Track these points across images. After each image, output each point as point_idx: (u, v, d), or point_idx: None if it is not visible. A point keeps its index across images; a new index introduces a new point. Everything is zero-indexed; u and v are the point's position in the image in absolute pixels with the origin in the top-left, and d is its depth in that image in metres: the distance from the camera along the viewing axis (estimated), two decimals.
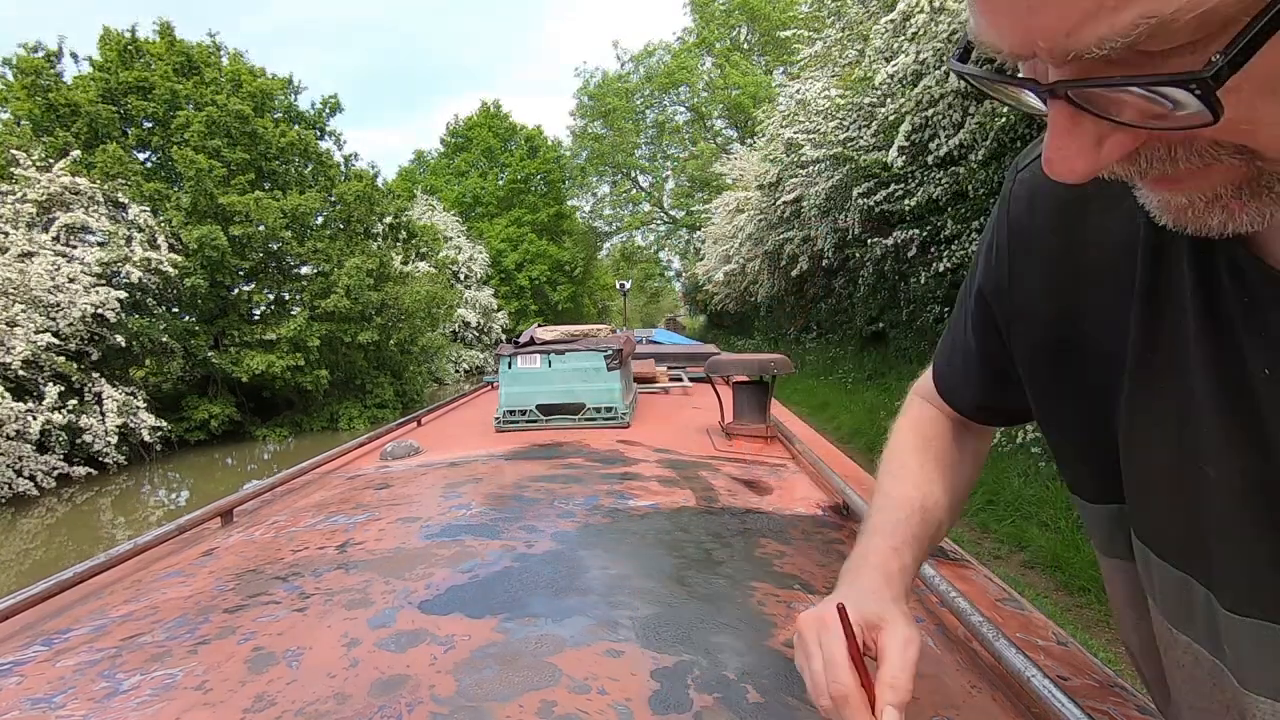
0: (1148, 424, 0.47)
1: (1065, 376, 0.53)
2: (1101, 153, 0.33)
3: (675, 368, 3.93)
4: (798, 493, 1.60)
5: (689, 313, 36.61)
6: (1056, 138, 0.33)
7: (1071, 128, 0.32)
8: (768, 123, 13.42)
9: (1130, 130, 0.32)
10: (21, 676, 0.83)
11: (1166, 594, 0.48)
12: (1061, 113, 0.32)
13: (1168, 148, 0.33)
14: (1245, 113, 0.29)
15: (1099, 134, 0.32)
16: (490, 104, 32.61)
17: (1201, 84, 0.27)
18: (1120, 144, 0.33)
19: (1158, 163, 0.33)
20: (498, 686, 0.74)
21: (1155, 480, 0.47)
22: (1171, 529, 0.47)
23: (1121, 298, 0.48)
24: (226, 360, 12.64)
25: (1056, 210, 0.52)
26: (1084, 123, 0.32)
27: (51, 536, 8.02)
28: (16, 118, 11.52)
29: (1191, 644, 0.47)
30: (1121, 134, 0.32)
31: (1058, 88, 0.31)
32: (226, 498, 1.58)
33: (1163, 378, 0.45)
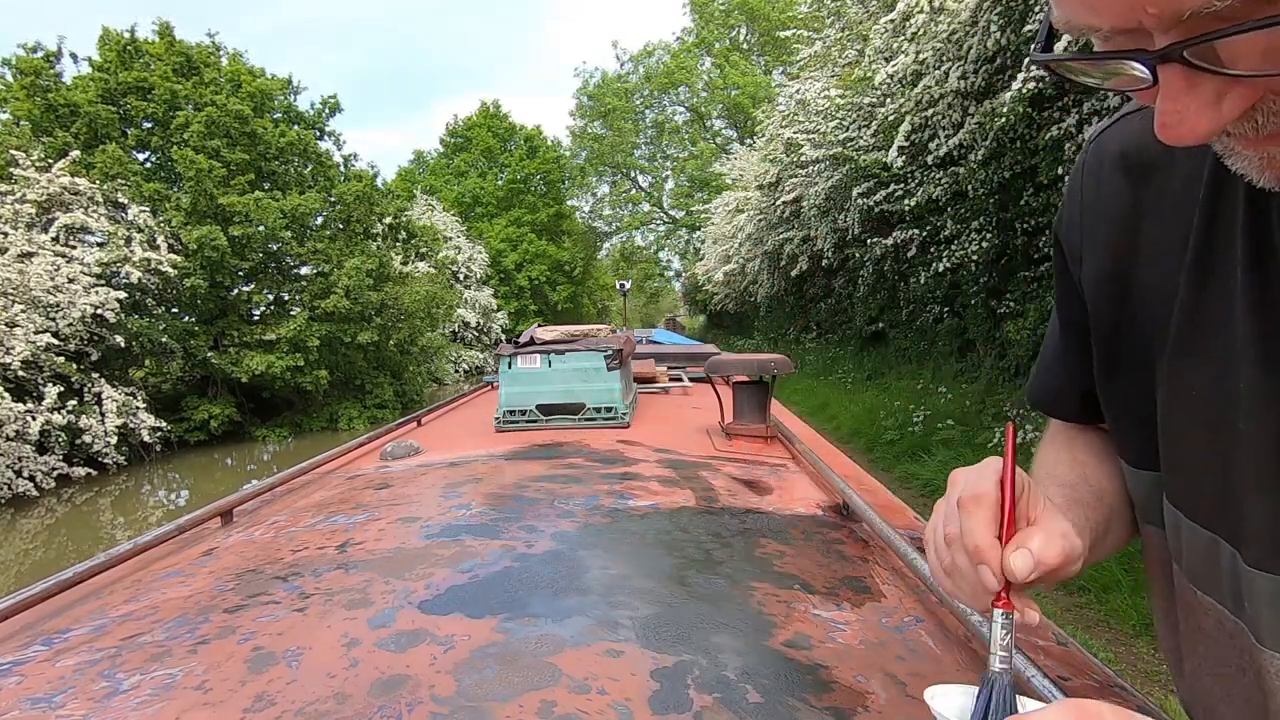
0: (1186, 383, 0.47)
1: (1121, 339, 0.55)
2: (1223, 110, 0.32)
3: (675, 368, 3.93)
4: (798, 493, 1.60)
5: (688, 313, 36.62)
6: (1173, 101, 0.33)
7: (1189, 89, 0.32)
8: (767, 123, 13.43)
9: (1249, 83, 0.31)
10: (21, 676, 0.83)
11: (1194, 556, 0.48)
12: (1177, 75, 0.32)
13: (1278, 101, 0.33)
14: None
15: (1217, 92, 0.32)
16: (490, 104, 32.64)
17: None
18: (1241, 98, 0.32)
19: (1274, 116, 0.33)
20: (498, 686, 0.74)
21: (1189, 438, 0.47)
22: (1203, 489, 0.47)
23: (1175, 260, 0.49)
24: (226, 361, 12.64)
25: (1122, 176, 0.54)
26: (1201, 83, 0.32)
27: (51, 537, 8.02)
28: (16, 118, 11.52)
29: (1215, 605, 0.47)
30: (1241, 88, 0.32)
31: (1172, 50, 0.31)
32: (226, 498, 1.58)
33: (1205, 335, 0.46)
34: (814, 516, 1.42)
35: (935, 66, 6.27)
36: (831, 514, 1.44)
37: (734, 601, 0.97)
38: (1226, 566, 0.45)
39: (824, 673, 0.78)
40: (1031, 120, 5.76)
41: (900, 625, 0.92)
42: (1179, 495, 0.49)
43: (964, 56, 5.88)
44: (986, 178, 6.61)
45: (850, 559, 1.18)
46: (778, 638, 0.86)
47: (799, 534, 1.29)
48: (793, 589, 1.02)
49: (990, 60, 5.84)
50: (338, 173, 15.45)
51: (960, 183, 7.03)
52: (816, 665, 0.80)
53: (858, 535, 1.31)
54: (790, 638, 0.86)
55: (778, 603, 0.97)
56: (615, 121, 34.31)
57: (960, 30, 5.84)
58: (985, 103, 5.94)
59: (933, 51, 6.22)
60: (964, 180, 6.92)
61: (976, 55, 5.75)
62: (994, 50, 5.59)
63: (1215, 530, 0.46)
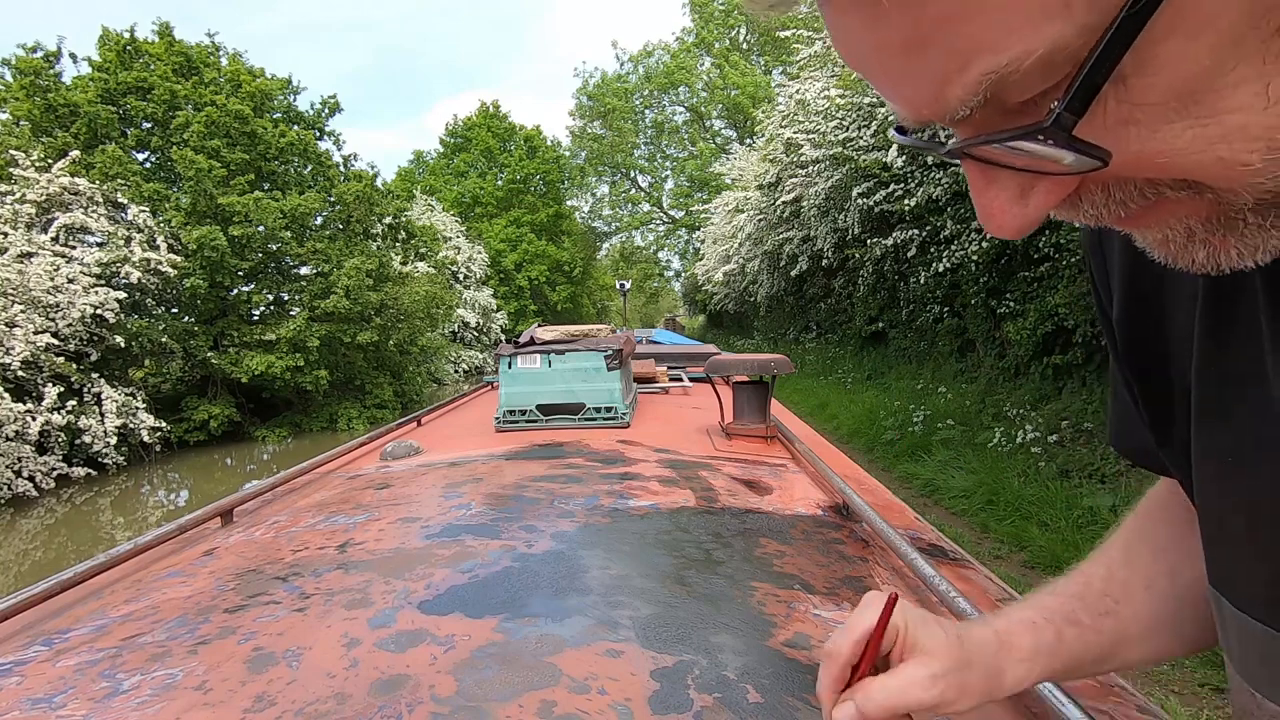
0: (1216, 446, 0.41)
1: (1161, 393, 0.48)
2: (1030, 204, 0.31)
3: (675, 368, 3.93)
4: (798, 493, 1.60)
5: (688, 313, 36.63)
6: (978, 196, 0.32)
7: (988, 185, 0.31)
8: (767, 123, 13.42)
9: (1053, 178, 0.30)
10: (22, 676, 0.83)
11: (1248, 654, 0.41)
12: (975, 171, 0.31)
13: (1103, 189, 0.31)
14: (1154, 144, 0.27)
15: (1021, 186, 0.30)
16: (489, 104, 32.65)
17: (1048, 133, 0.26)
18: (1050, 191, 0.30)
19: (1102, 205, 0.31)
20: (498, 686, 0.74)
21: (1232, 518, 0.40)
22: (1254, 576, 0.40)
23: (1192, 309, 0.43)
24: (226, 361, 12.63)
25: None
26: (1000, 177, 0.31)
27: (51, 537, 8.01)
28: (15, 118, 11.51)
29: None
30: (1046, 183, 0.30)
31: (953, 149, 0.30)
32: (226, 498, 1.58)
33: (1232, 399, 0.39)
34: (814, 516, 1.42)
35: None
36: (831, 514, 1.44)
37: (734, 601, 0.97)
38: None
39: None
40: None
41: None
42: (1221, 578, 0.43)
43: None
44: None
45: (850, 559, 1.18)
46: (778, 637, 0.86)
47: (799, 534, 1.29)
48: (793, 589, 1.02)
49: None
50: (337, 173, 15.44)
51: (960, 183, 7.03)
52: (817, 665, 0.80)
53: (858, 535, 1.31)
54: (790, 638, 0.86)
55: (778, 603, 0.97)
56: (615, 121, 34.30)
57: None
58: None
59: None
60: (964, 180, 6.91)
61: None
62: None
63: (1272, 625, 0.39)
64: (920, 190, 7.46)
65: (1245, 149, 0.26)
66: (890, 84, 0.30)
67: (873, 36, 0.28)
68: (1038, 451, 5.66)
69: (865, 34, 0.28)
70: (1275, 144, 0.26)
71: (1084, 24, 0.24)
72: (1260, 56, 0.24)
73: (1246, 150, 0.26)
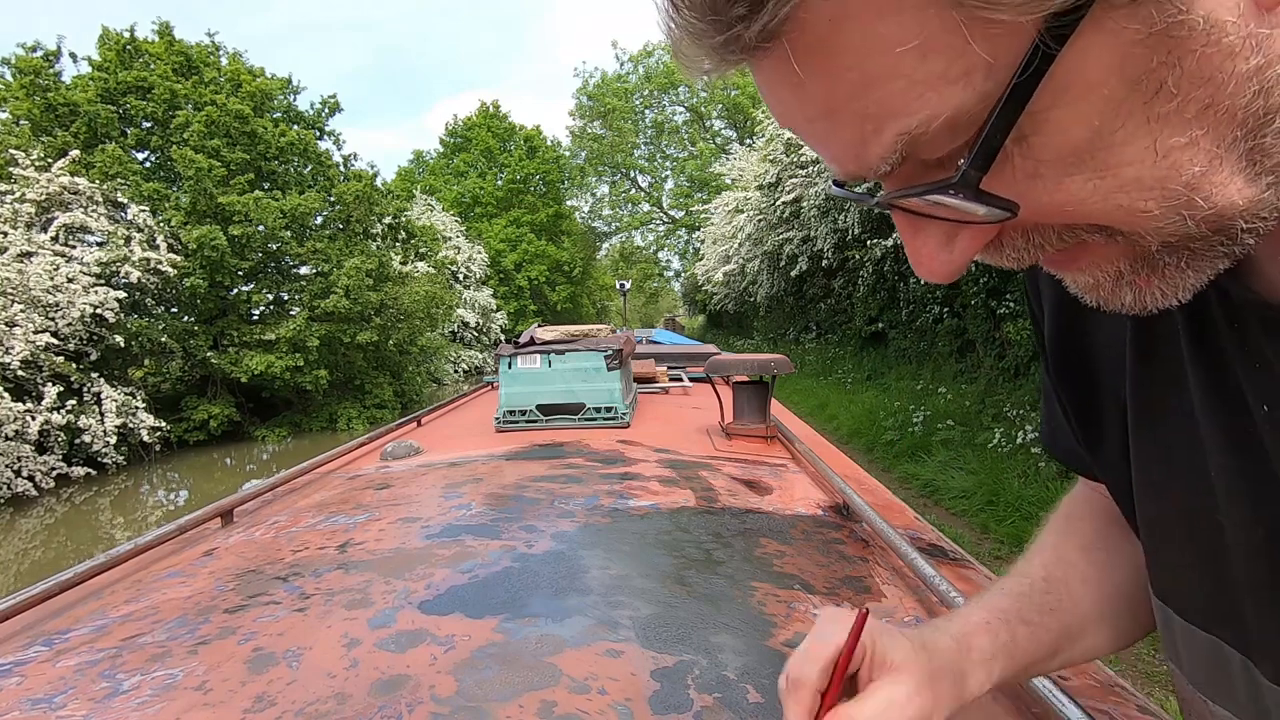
0: (1153, 471, 0.44)
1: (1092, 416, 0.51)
2: (955, 250, 0.33)
3: (675, 368, 3.93)
4: (798, 493, 1.60)
5: (688, 313, 36.64)
6: (908, 245, 0.34)
7: (915, 233, 0.33)
8: (767, 123, 13.42)
9: (975, 226, 0.32)
10: (22, 676, 0.83)
11: (1195, 660, 0.43)
12: (903, 221, 0.34)
13: (1024, 234, 0.33)
14: (1059, 195, 0.29)
15: (946, 233, 0.33)
16: (489, 104, 32.65)
17: (957, 188, 0.28)
18: (973, 238, 0.32)
19: (1022, 249, 0.33)
20: (498, 686, 0.74)
21: (1171, 533, 0.43)
22: (1195, 585, 0.42)
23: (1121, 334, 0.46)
24: (226, 361, 12.63)
25: None
26: (927, 227, 0.33)
27: (50, 537, 8.01)
28: (15, 118, 11.51)
29: (1231, 718, 0.42)
30: (969, 230, 0.32)
31: (880, 201, 0.33)
32: (226, 498, 1.58)
33: (1166, 423, 0.42)
34: (814, 516, 1.42)
35: None
36: (831, 514, 1.44)
37: (734, 601, 0.97)
38: (1239, 675, 0.40)
39: None
40: None
41: (900, 625, 0.92)
42: (1165, 590, 0.45)
43: None
44: None
45: (850, 559, 1.18)
46: (778, 637, 0.87)
47: (799, 534, 1.29)
48: (793, 589, 1.02)
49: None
50: (337, 173, 15.44)
51: None
52: None
53: (858, 535, 1.31)
54: (790, 638, 0.86)
55: (778, 603, 0.97)
56: (615, 121, 34.31)
57: None
58: None
59: None
60: None
61: None
62: None
63: (1215, 632, 0.41)
64: None
65: (1142, 198, 0.29)
66: (818, 145, 0.32)
67: (798, 105, 0.30)
68: (1037, 452, 5.66)
69: (791, 103, 0.31)
70: (1168, 192, 0.28)
71: (982, 91, 0.26)
72: (1145, 116, 0.27)
73: (1143, 199, 0.29)
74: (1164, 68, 0.26)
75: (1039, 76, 0.26)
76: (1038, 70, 0.25)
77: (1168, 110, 0.27)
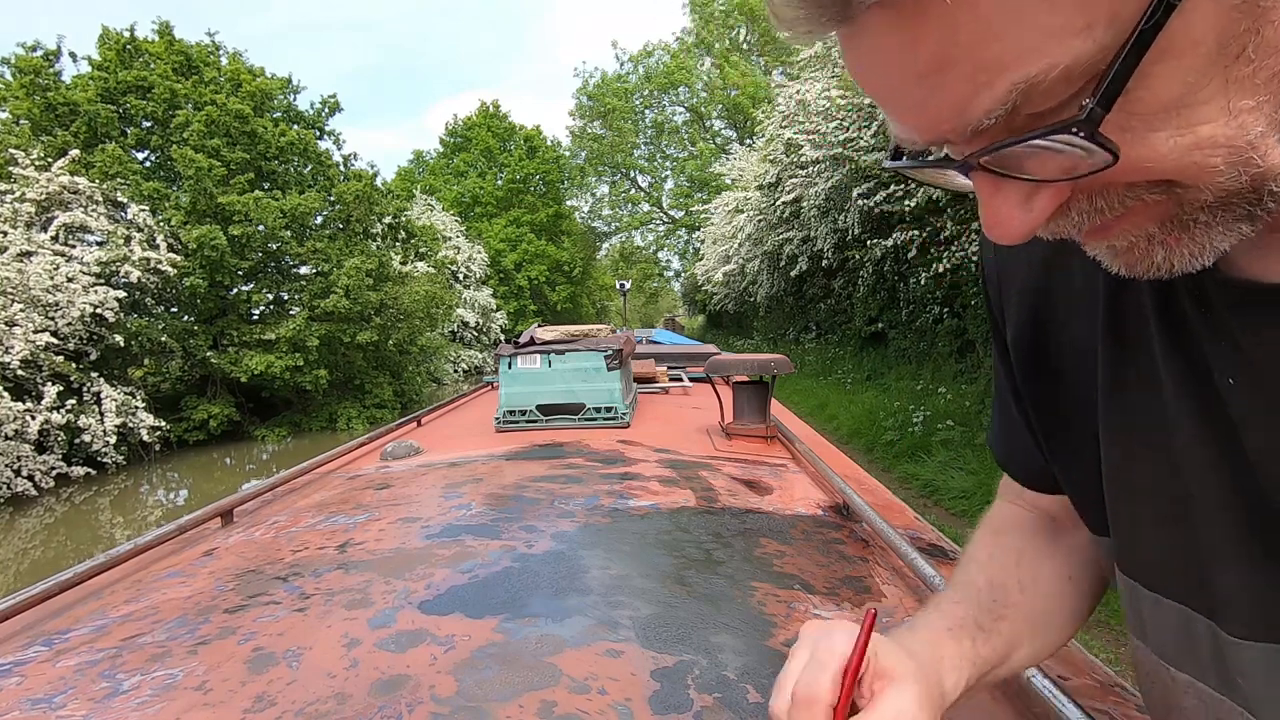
0: (1126, 451, 0.46)
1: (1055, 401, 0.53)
2: (1032, 211, 0.34)
3: (675, 368, 3.93)
4: (798, 493, 1.60)
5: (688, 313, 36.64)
6: (986, 205, 0.35)
7: (996, 193, 0.35)
8: (767, 123, 13.42)
9: (1053, 186, 0.33)
10: (22, 676, 0.83)
11: (1161, 631, 0.46)
12: (984, 181, 0.35)
13: (1089, 198, 0.35)
14: (1143, 150, 0.31)
15: (1025, 194, 0.34)
16: (489, 104, 32.63)
17: (1081, 126, 0.29)
18: (1048, 199, 0.34)
19: (1087, 214, 0.35)
20: (498, 686, 0.74)
21: (1139, 508, 0.46)
22: (1164, 558, 0.45)
23: (1089, 326, 0.49)
24: (226, 360, 12.62)
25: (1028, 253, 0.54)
26: (1006, 187, 0.34)
27: (50, 536, 8.01)
28: (15, 117, 11.50)
29: (1194, 683, 0.44)
30: (1047, 190, 0.34)
31: (970, 159, 0.34)
32: (226, 498, 1.58)
33: (1135, 402, 0.45)
34: (814, 516, 1.42)
35: None
36: (831, 514, 1.44)
37: (734, 601, 0.97)
38: (1204, 639, 0.43)
39: None
40: None
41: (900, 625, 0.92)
42: (1133, 565, 0.47)
43: None
44: None
45: (850, 559, 1.18)
46: (778, 637, 0.87)
47: (799, 534, 1.29)
48: (793, 589, 1.02)
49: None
50: (337, 172, 15.43)
51: None
52: None
53: (858, 535, 1.31)
54: (790, 638, 0.86)
55: (778, 603, 0.97)
56: (615, 122, 34.31)
57: None
58: None
59: None
60: None
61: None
62: None
63: (1184, 602, 0.44)
64: (920, 191, 7.45)
65: (1213, 155, 0.31)
66: (913, 108, 0.33)
67: (909, 61, 0.31)
68: None
69: (900, 61, 0.31)
70: (1233, 150, 0.31)
71: (1101, 43, 0.28)
72: (1224, 79, 0.29)
73: (1214, 157, 0.31)
74: (1248, 34, 0.28)
75: (1157, 30, 0.27)
76: (1157, 24, 0.27)
77: (1244, 74, 0.29)
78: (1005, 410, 0.61)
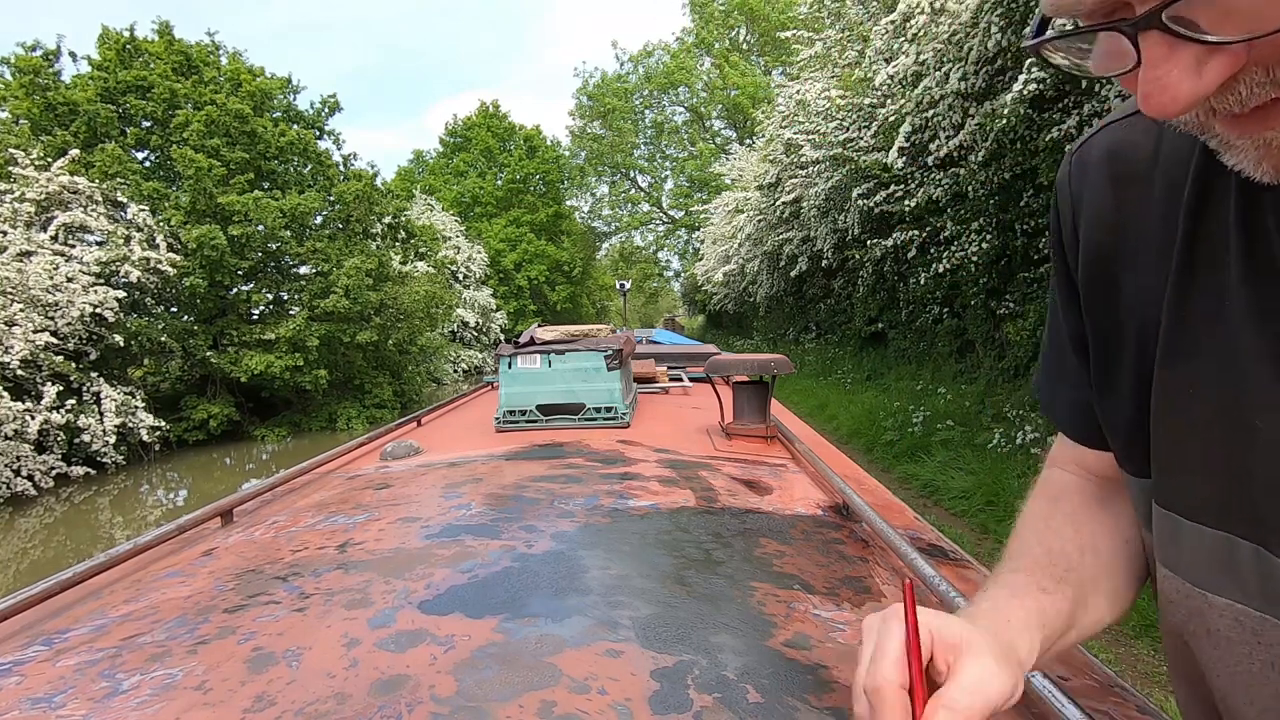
0: (1182, 384, 0.47)
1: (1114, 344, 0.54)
2: (1203, 78, 0.33)
3: (675, 368, 3.93)
4: (798, 493, 1.60)
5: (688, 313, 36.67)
6: (1154, 69, 0.33)
7: (1169, 55, 0.33)
8: (767, 123, 13.42)
9: (1229, 51, 0.32)
10: (21, 676, 0.83)
11: (1198, 558, 0.47)
12: (1158, 43, 0.33)
13: (1266, 69, 0.33)
14: None
15: (1198, 59, 0.33)
16: (489, 104, 32.64)
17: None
18: (1222, 65, 0.33)
19: (1257, 88, 0.33)
20: (498, 686, 0.74)
21: (1190, 441, 0.47)
22: (1210, 489, 0.46)
23: (1160, 265, 0.49)
24: (225, 360, 12.62)
25: (1105, 184, 0.54)
26: (1181, 50, 0.33)
27: (50, 536, 8.01)
28: (15, 117, 11.50)
29: (1232, 605, 0.46)
30: (1222, 55, 0.32)
31: (1151, 16, 0.32)
32: (226, 498, 1.58)
33: (1197, 337, 0.45)
34: (814, 516, 1.42)
35: (936, 68, 6.27)
36: (831, 514, 1.44)
37: (734, 601, 0.97)
38: (1248, 563, 0.44)
39: (824, 673, 0.78)
40: (1032, 122, 5.76)
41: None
42: (1174, 497, 0.48)
43: (965, 58, 5.88)
44: (987, 179, 6.62)
45: (850, 559, 1.18)
46: (778, 638, 0.86)
47: (799, 534, 1.29)
48: (793, 589, 1.02)
49: (991, 61, 5.84)
50: (337, 172, 15.43)
51: (960, 184, 7.03)
52: (816, 665, 0.80)
53: (858, 535, 1.31)
54: (790, 638, 0.86)
55: (778, 603, 0.97)
56: (614, 122, 34.32)
57: (961, 31, 5.84)
58: (986, 104, 5.94)
59: (933, 52, 6.22)
60: (964, 181, 6.93)
61: (977, 56, 5.75)
62: (995, 51, 5.60)
63: (1230, 530, 0.45)
64: (920, 191, 7.46)
65: None
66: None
67: None
68: (1037, 452, 5.66)
69: None
70: None
71: None
72: None
73: None
74: None
75: None
76: None
77: None
78: (1060, 352, 0.61)
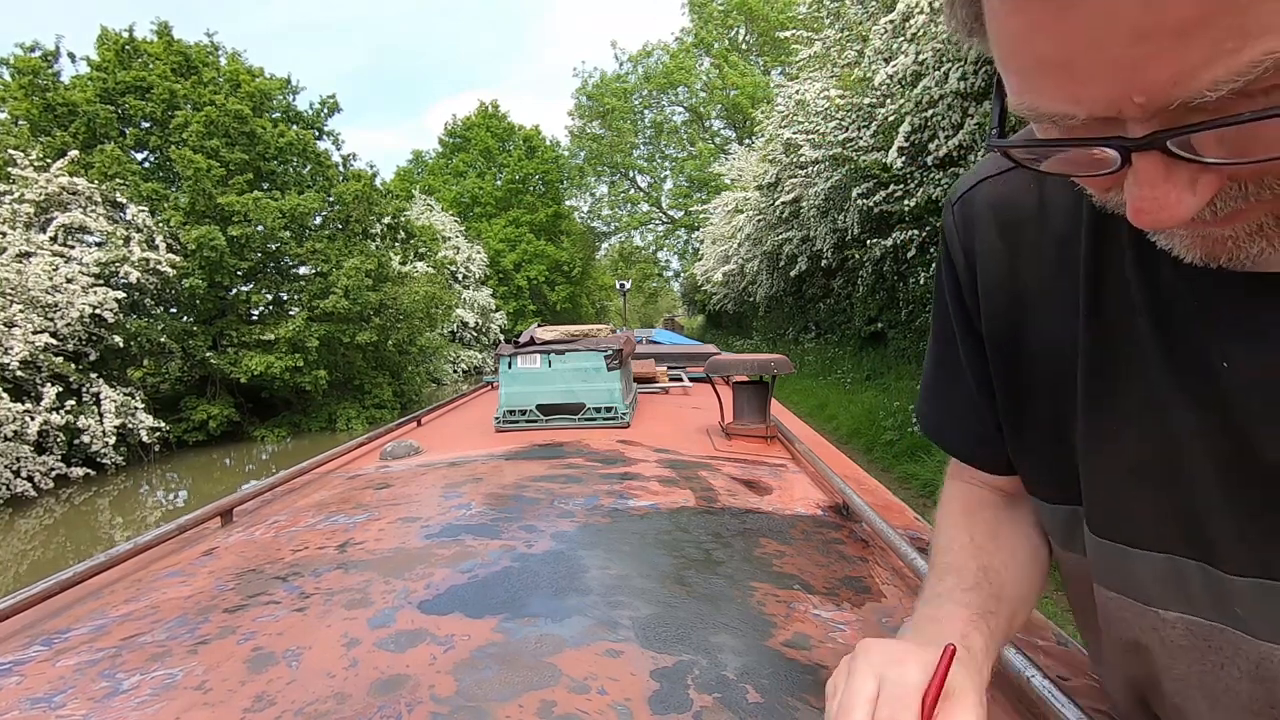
0: (1108, 431, 0.50)
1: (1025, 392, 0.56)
2: (1197, 195, 0.33)
3: (675, 368, 3.93)
4: (797, 493, 1.60)
5: (687, 313, 36.68)
6: (1151, 188, 0.33)
7: (1167, 176, 0.33)
8: (766, 123, 13.42)
9: (1217, 171, 0.32)
10: (21, 676, 0.83)
11: (1146, 579, 0.50)
12: (1156, 164, 0.33)
13: (1240, 185, 0.34)
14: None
15: (1192, 176, 0.33)
16: (488, 104, 32.63)
17: None
18: (1210, 184, 0.33)
19: (1231, 200, 0.34)
20: (498, 686, 0.74)
21: (1124, 480, 0.50)
22: (1150, 516, 0.49)
23: (1065, 311, 0.51)
24: (225, 361, 12.62)
25: (994, 237, 0.56)
26: (1177, 170, 0.32)
27: (50, 537, 8.01)
28: (14, 118, 11.49)
29: (1182, 617, 0.49)
30: (1210, 174, 0.33)
31: (1156, 140, 0.31)
32: (226, 498, 1.58)
33: (1121, 379, 0.48)
34: (814, 516, 1.42)
35: (935, 67, 6.28)
36: (831, 514, 1.44)
37: (734, 601, 0.97)
38: (1195, 579, 0.47)
39: (824, 673, 0.78)
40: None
41: (900, 625, 0.92)
42: (1114, 528, 0.51)
43: (964, 57, 5.89)
44: None
45: (850, 559, 1.18)
46: (778, 638, 0.87)
47: (799, 534, 1.29)
48: (793, 589, 1.02)
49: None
50: (336, 173, 15.42)
51: None
52: (816, 665, 0.80)
53: (858, 535, 1.31)
54: (790, 638, 0.86)
55: (778, 603, 0.97)
56: (614, 122, 34.33)
57: None
58: (985, 103, 5.94)
59: (933, 52, 6.23)
60: None
61: (977, 56, 5.75)
62: None
63: (1171, 552, 0.48)
64: (920, 191, 7.46)
65: None
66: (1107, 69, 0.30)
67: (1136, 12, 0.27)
68: None
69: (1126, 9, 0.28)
70: None
71: None
72: None
73: None
74: None
75: None
76: None
77: None
78: (953, 388, 0.64)
